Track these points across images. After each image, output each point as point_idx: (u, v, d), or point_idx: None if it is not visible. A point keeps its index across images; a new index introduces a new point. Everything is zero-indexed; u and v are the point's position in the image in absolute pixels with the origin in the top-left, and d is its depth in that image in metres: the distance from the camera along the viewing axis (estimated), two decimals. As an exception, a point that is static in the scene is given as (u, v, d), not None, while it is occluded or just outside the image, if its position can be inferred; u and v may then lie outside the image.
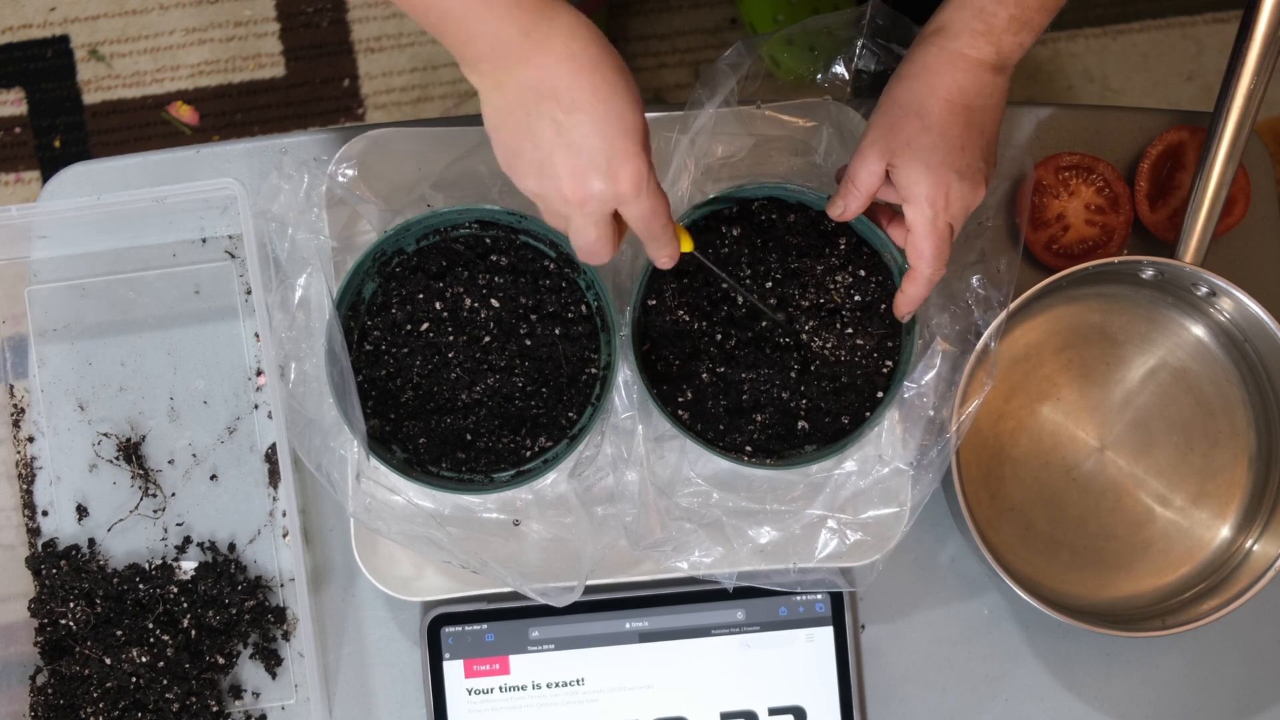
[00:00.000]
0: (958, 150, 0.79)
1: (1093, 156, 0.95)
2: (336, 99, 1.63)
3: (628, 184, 0.72)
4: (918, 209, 0.80)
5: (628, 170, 0.71)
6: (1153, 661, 0.95)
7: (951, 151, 0.79)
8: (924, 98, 0.79)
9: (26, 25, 1.64)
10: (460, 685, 0.92)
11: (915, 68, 0.80)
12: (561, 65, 0.70)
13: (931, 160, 0.79)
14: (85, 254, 0.96)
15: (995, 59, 0.79)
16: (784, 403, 0.88)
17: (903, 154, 0.79)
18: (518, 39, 0.69)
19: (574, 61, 0.70)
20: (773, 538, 0.89)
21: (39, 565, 0.94)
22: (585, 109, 0.70)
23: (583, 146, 0.71)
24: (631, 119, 0.71)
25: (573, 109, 0.70)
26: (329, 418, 0.87)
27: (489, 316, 0.89)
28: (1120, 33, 1.64)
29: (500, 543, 0.90)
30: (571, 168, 0.71)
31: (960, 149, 0.79)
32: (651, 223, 0.75)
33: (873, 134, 0.81)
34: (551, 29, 0.70)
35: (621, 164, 0.71)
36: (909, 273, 0.83)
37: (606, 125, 0.71)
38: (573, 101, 0.70)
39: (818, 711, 0.93)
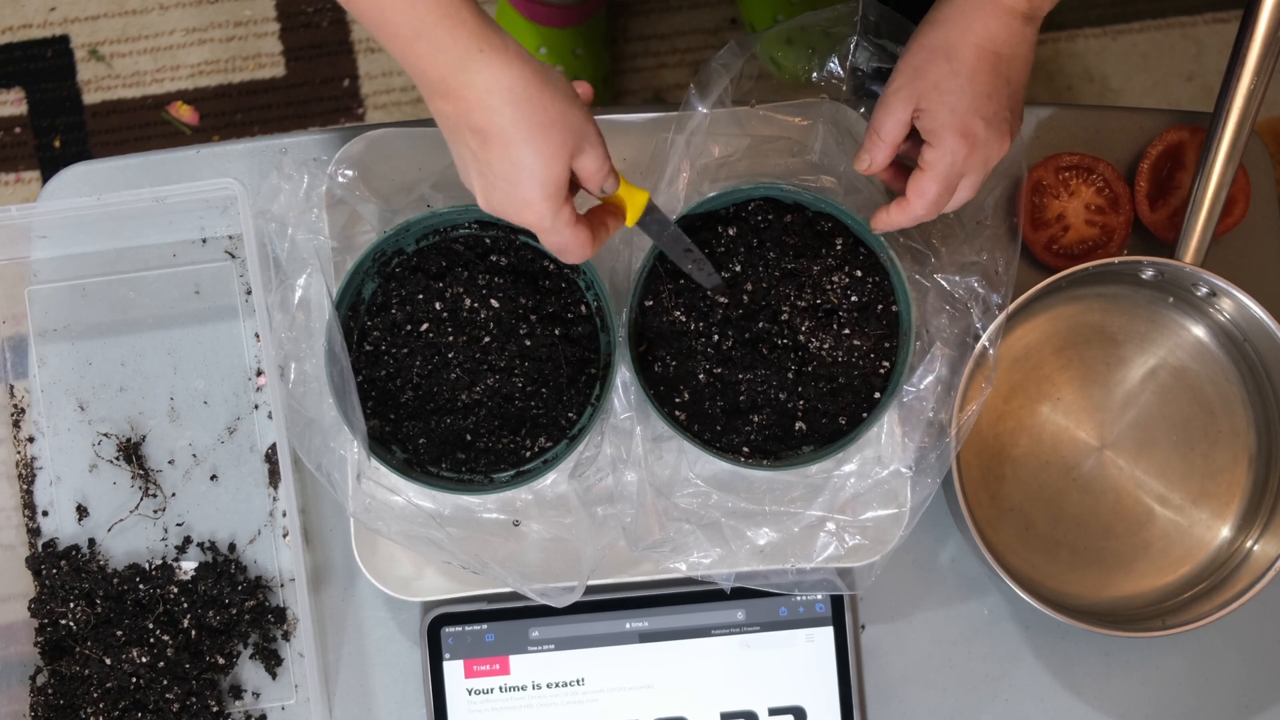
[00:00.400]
0: (985, 97, 0.78)
1: (1093, 156, 0.95)
2: (336, 99, 1.63)
3: (534, 223, 0.76)
4: (939, 151, 0.79)
5: (530, 215, 0.75)
6: (1153, 661, 0.95)
7: (979, 98, 0.78)
8: (954, 41, 0.78)
9: (26, 25, 1.64)
10: (460, 685, 0.92)
11: (946, 11, 0.79)
12: (476, 114, 0.73)
13: (959, 105, 0.78)
14: (85, 254, 0.96)
15: (1027, 8, 0.77)
16: (781, 404, 0.88)
17: (929, 97, 0.79)
18: (436, 83, 0.73)
19: (488, 114, 0.73)
20: (771, 539, 0.89)
21: (39, 565, 0.94)
22: (493, 152, 0.74)
23: (494, 182, 0.75)
24: (540, 172, 0.74)
25: (485, 145, 0.73)
26: (329, 418, 0.87)
27: (489, 317, 0.89)
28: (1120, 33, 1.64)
29: (500, 543, 0.90)
30: (487, 189, 0.75)
31: (988, 96, 0.78)
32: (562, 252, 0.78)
33: (898, 80, 0.80)
34: (469, 84, 0.72)
35: (525, 208, 0.75)
36: (900, 200, 0.81)
37: (511, 172, 0.74)
38: (484, 140, 0.73)
39: (818, 711, 0.93)
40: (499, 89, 0.72)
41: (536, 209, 0.75)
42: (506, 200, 0.75)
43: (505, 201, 0.75)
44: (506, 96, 0.72)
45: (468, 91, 0.72)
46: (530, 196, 0.74)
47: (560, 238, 0.77)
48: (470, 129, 0.73)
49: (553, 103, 0.73)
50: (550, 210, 0.75)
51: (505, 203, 0.75)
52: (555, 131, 0.73)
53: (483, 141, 0.73)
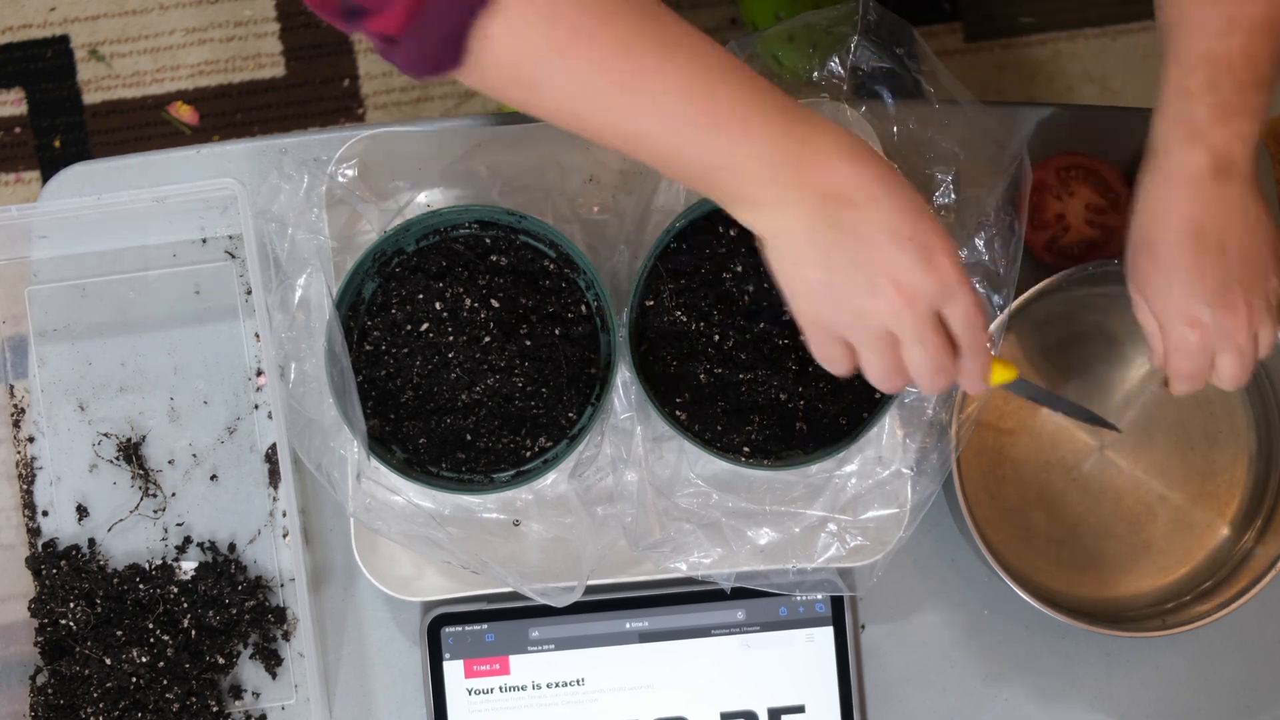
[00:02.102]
0: (1196, 279, 0.75)
1: (1093, 156, 0.95)
2: (336, 99, 1.63)
3: (948, 266, 0.68)
4: (1171, 343, 0.78)
5: (942, 249, 0.68)
6: (1153, 661, 0.95)
7: (1190, 284, 0.75)
8: (1149, 230, 0.77)
9: (26, 25, 1.64)
10: (460, 685, 0.92)
11: (1140, 199, 0.77)
12: (842, 164, 0.67)
13: (1171, 295, 0.76)
14: (85, 254, 0.96)
15: (1212, 162, 0.73)
16: (782, 404, 0.88)
17: (1147, 294, 0.78)
18: (793, 146, 0.66)
19: (847, 155, 0.67)
20: (772, 539, 0.89)
21: (39, 565, 0.94)
22: (879, 200, 0.67)
23: (893, 240, 0.67)
24: (919, 199, 0.68)
25: (869, 204, 0.67)
26: (329, 418, 0.87)
27: (489, 316, 0.88)
28: (1120, 33, 1.64)
29: (500, 543, 0.90)
30: (890, 265, 0.67)
31: (1200, 278, 0.75)
32: (975, 318, 0.70)
33: (1127, 279, 0.79)
34: (813, 128, 0.67)
35: (934, 245, 0.68)
36: None
37: (906, 210, 0.67)
38: (868, 197, 0.67)
39: (818, 711, 0.93)
40: (840, 135, 0.67)
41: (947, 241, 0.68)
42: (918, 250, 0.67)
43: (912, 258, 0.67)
44: (850, 139, 0.68)
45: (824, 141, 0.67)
46: (934, 226, 0.67)
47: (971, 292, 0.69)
48: (841, 198, 0.67)
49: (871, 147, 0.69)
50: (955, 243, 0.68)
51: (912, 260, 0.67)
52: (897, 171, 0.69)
53: (870, 196, 0.67)
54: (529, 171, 0.91)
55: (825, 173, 0.67)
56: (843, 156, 0.67)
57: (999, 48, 1.64)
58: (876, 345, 0.70)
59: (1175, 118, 0.75)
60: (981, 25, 1.64)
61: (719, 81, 0.66)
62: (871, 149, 0.69)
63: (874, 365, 0.71)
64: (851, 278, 0.68)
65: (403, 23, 0.64)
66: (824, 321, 0.71)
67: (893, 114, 0.91)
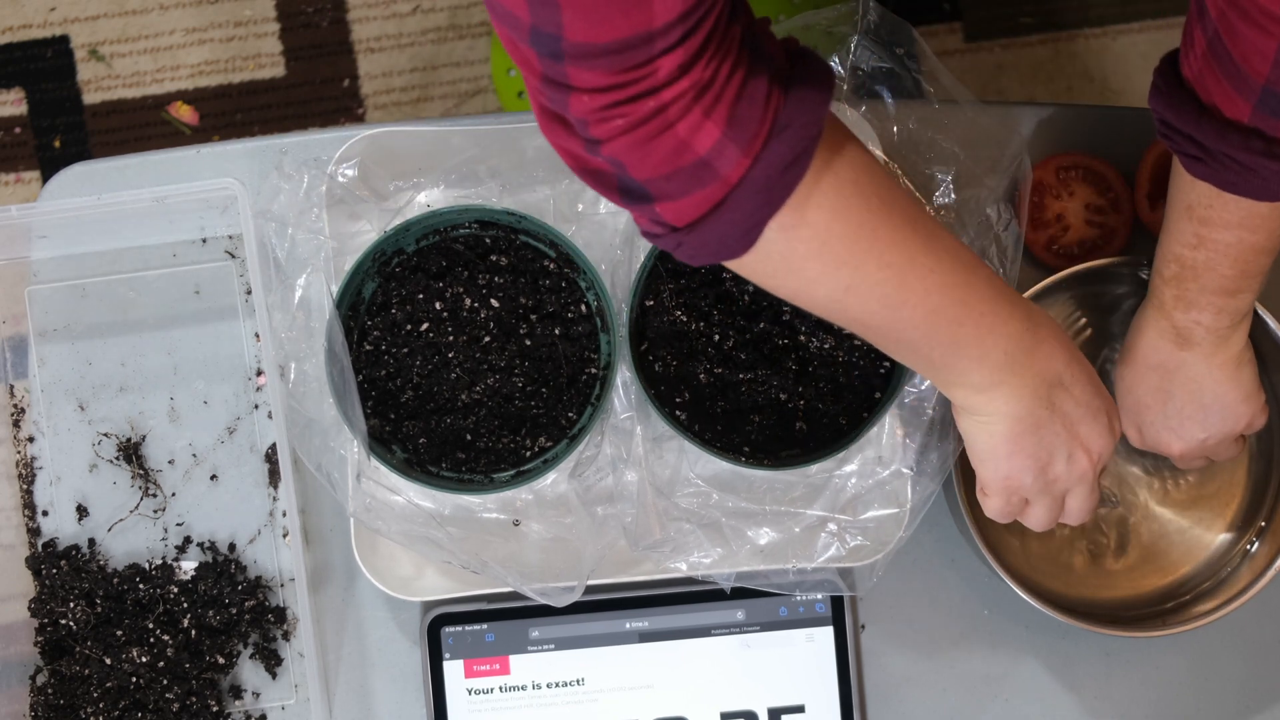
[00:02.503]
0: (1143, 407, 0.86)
1: (1093, 156, 0.95)
2: (336, 99, 1.63)
3: (1119, 430, 0.80)
4: None
5: (1116, 413, 0.80)
6: (1153, 661, 0.95)
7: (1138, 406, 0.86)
8: (1128, 349, 0.86)
9: (26, 25, 1.64)
10: (460, 685, 0.92)
11: (1132, 324, 0.86)
12: (1059, 350, 0.75)
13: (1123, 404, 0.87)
14: (85, 254, 0.96)
15: (1174, 335, 0.83)
16: (782, 404, 0.88)
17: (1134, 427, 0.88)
18: (1024, 334, 0.73)
19: (1060, 340, 0.76)
20: (772, 539, 0.89)
21: (39, 565, 0.94)
22: (1080, 380, 0.76)
23: (1089, 414, 0.77)
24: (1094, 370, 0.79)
25: (1073, 383, 0.76)
26: (329, 418, 0.87)
27: (489, 316, 0.89)
28: (1120, 33, 1.64)
29: (500, 543, 0.90)
30: (1087, 438, 0.77)
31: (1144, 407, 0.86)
32: (1090, 500, 0.81)
33: None
34: (1040, 318, 0.75)
35: (1113, 412, 0.79)
36: None
37: (1096, 386, 0.78)
38: (1072, 377, 0.76)
39: (818, 711, 0.93)
40: (1054, 327, 0.76)
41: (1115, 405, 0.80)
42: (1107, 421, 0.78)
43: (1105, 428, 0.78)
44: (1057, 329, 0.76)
45: (1045, 329, 0.75)
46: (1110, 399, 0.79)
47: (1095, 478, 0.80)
48: (1055, 381, 0.75)
49: None
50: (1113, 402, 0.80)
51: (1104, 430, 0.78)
52: None
53: (1066, 384, 0.76)
54: (529, 171, 0.91)
55: (1049, 360, 0.75)
56: (1060, 343, 0.76)
57: (999, 48, 1.64)
58: (1054, 503, 0.81)
59: (1153, 289, 0.84)
60: (981, 25, 1.64)
61: (973, 278, 0.71)
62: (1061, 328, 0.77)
63: (1043, 518, 0.81)
64: (1055, 450, 0.77)
65: (702, 212, 0.63)
66: (1018, 485, 0.79)
67: (893, 114, 0.91)
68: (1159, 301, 0.83)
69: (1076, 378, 0.76)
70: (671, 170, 0.61)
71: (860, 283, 0.68)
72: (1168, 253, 0.81)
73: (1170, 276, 0.81)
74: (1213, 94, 0.71)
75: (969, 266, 0.71)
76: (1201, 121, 0.72)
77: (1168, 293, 0.81)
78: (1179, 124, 0.73)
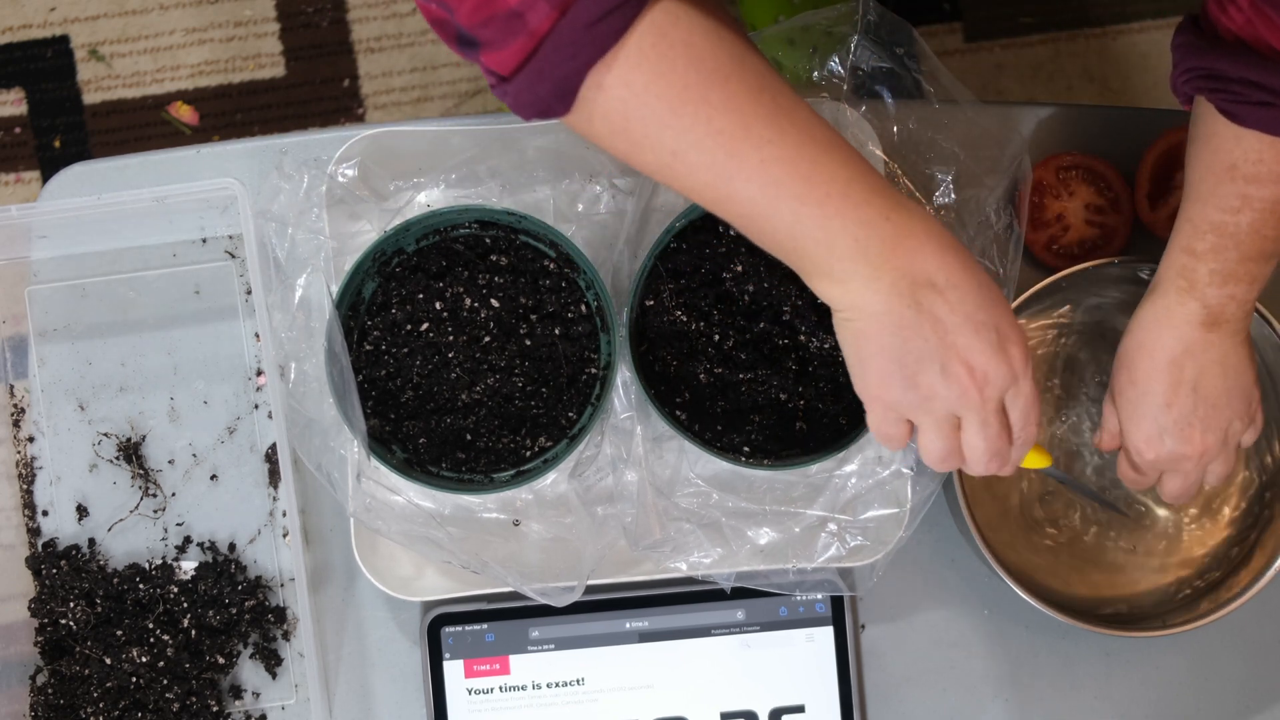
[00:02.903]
0: (1162, 407, 0.82)
1: (1093, 156, 0.95)
2: (336, 99, 1.63)
3: (1019, 355, 0.71)
4: (1128, 450, 0.85)
5: (1014, 338, 0.71)
6: (1153, 661, 0.95)
7: (1155, 407, 0.82)
8: (1133, 353, 0.83)
9: (26, 25, 1.64)
10: (460, 685, 0.92)
11: (1134, 323, 0.83)
12: (927, 245, 0.69)
13: (1135, 413, 0.83)
14: (85, 254, 0.96)
15: (1204, 315, 0.79)
16: (782, 404, 0.88)
17: (1116, 401, 0.85)
18: (881, 223, 0.68)
19: (936, 240, 0.69)
20: (772, 539, 0.89)
21: (39, 565, 0.94)
22: (962, 285, 0.69)
23: (969, 325, 0.69)
24: (997, 288, 0.71)
25: (949, 287, 0.69)
26: (329, 418, 0.87)
27: (489, 316, 0.89)
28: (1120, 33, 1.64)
29: (500, 543, 0.90)
30: (965, 350, 0.69)
31: (1165, 406, 0.82)
32: (1032, 410, 0.73)
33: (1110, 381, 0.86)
34: (909, 213, 0.69)
35: (1008, 333, 0.70)
36: None
37: (984, 298, 0.69)
38: (948, 280, 0.69)
39: (818, 711, 0.93)
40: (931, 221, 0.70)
41: (1019, 332, 0.71)
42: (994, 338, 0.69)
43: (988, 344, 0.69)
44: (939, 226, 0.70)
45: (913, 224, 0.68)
46: (1010, 318, 0.70)
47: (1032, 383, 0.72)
48: (925, 280, 0.68)
49: None
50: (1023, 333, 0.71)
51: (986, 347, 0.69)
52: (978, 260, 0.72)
53: (941, 287, 0.69)
54: (529, 171, 0.91)
55: (913, 256, 0.68)
56: (932, 242, 0.69)
57: (999, 48, 1.64)
58: (940, 427, 0.72)
59: (1179, 269, 0.80)
60: (981, 25, 1.64)
61: (823, 156, 0.67)
62: (957, 239, 0.71)
63: (934, 446, 0.73)
64: (925, 360, 0.69)
65: (517, 63, 0.64)
66: (890, 400, 0.72)
67: (893, 114, 0.91)
68: (1186, 284, 0.79)
69: (956, 283, 0.69)
70: (487, 17, 0.62)
71: (688, 149, 0.66)
72: (1203, 224, 0.78)
73: (1206, 250, 0.78)
74: (1267, 36, 0.70)
75: (824, 145, 0.67)
76: (1266, 64, 0.70)
77: (1201, 269, 0.78)
78: (1236, 71, 0.71)
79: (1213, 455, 0.83)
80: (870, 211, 0.67)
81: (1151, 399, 0.82)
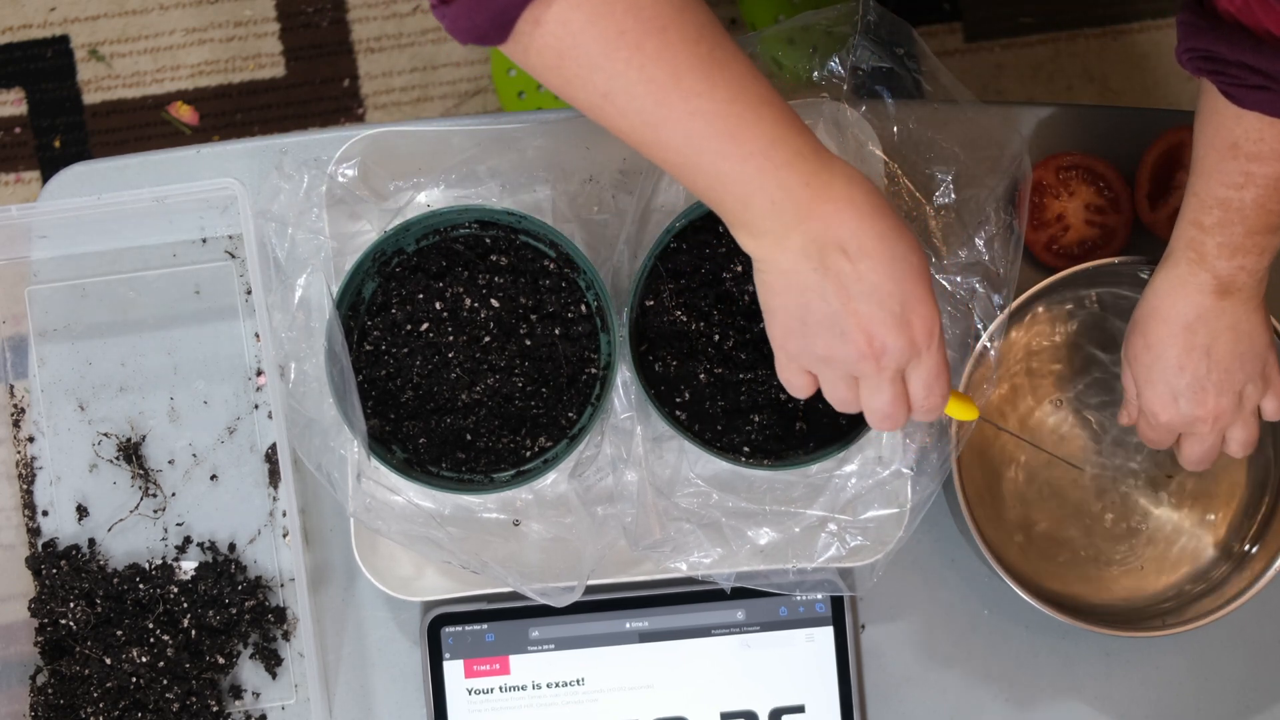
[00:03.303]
0: (1175, 370, 0.83)
1: (1093, 156, 0.95)
2: (336, 99, 1.63)
3: (922, 331, 0.71)
4: (1142, 415, 0.87)
5: (921, 315, 0.71)
6: (1153, 661, 0.95)
7: (1168, 371, 0.83)
8: (1147, 318, 0.84)
9: (26, 25, 1.64)
10: (460, 685, 0.92)
11: (1149, 290, 0.84)
12: (844, 212, 0.69)
13: (1150, 377, 0.84)
14: (85, 254, 0.96)
15: (1215, 284, 0.81)
16: (781, 404, 0.88)
17: (1130, 366, 0.86)
18: (799, 188, 0.68)
19: (855, 207, 0.69)
20: (772, 539, 0.89)
21: (39, 565, 0.94)
22: (873, 254, 0.69)
23: (874, 295, 0.70)
24: (916, 262, 0.71)
25: (860, 256, 0.69)
26: (329, 418, 0.87)
27: (489, 316, 0.89)
28: (1120, 33, 1.64)
29: (500, 543, 0.90)
30: (865, 318, 0.70)
31: (1178, 369, 0.83)
32: (936, 383, 0.73)
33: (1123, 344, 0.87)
34: (832, 177, 0.69)
35: (914, 309, 0.71)
36: None
37: (894, 269, 0.70)
38: (860, 248, 0.69)
39: (818, 711, 0.93)
40: (858, 180, 0.70)
41: (927, 308, 0.71)
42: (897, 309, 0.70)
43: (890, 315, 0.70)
44: (866, 185, 0.70)
45: (834, 189, 0.69)
46: (920, 292, 0.70)
47: (941, 355, 0.72)
48: (836, 245, 0.69)
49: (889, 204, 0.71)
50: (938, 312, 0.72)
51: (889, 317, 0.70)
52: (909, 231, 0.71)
53: (860, 249, 0.69)
54: (529, 171, 0.91)
55: (827, 222, 0.69)
56: (851, 209, 0.69)
57: (999, 48, 1.64)
58: (839, 382, 0.75)
59: (1188, 241, 0.81)
60: (981, 25, 1.64)
61: (751, 114, 0.67)
62: (888, 207, 0.71)
63: (834, 395, 0.76)
64: (825, 321, 0.71)
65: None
66: (791, 351, 0.74)
67: (893, 114, 0.91)
68: (1196, 255, 0.80)
69: (869, 252, 0.69)
70: None
71: (618, 92, 0.67)
72: (1208, 199, 0.79)
73: (1212, 224, 0.79)
74: (1263, 20, 0.70)
75: (754, 103, 0.67)
76: (1261, 48, 0.71)
77: (1209, 242, 0.79)
78: (1234, 54, 0.72)
79: (1227, 419, 0.84)
80: (790, 175, 0.68)
81: (1165, 362, 0.83)
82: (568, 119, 0.92)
